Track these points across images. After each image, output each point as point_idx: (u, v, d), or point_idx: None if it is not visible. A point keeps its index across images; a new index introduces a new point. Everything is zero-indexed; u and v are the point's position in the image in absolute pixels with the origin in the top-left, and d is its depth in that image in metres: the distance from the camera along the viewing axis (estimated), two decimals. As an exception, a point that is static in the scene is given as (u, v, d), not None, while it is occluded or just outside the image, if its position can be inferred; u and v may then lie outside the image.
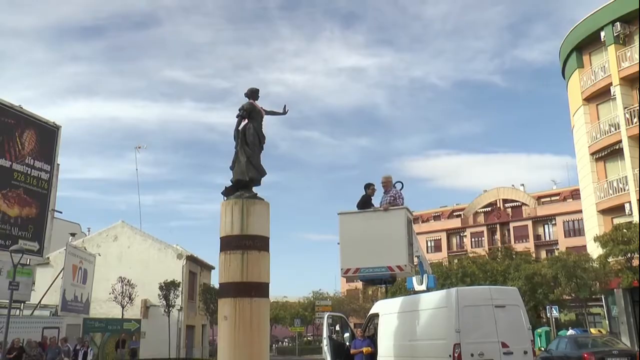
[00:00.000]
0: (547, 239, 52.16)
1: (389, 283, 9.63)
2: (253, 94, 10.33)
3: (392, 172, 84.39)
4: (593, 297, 27.96)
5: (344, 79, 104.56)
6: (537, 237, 52.85)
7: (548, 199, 55.76)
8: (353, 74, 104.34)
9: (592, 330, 25.50)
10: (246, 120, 10.09)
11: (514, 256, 35.14)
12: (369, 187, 9.98)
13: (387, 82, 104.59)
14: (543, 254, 47.68)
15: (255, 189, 9.91)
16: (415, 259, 10.70)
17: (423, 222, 60.66)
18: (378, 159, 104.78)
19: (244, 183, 9.74)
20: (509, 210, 56.30)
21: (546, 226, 52.85)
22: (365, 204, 9.73)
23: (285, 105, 10.42)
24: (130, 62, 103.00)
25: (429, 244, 58.34)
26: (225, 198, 9.78)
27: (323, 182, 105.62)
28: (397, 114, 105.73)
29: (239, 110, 10.12)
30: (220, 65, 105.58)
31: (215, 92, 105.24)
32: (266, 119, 10.40)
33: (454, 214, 61.61)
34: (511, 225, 54.50)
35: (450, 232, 59.13)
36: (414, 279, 11.67)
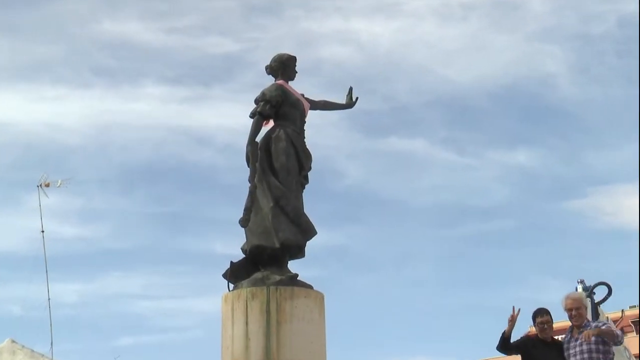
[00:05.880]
0: None
1: None
2: (284, 67, 9.60)
3: (588, 219, 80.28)
4: None
5: (474, 29, 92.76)
6: None
7: None
8: (494, 15, 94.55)
9: None
10: (271, 122, 9.41)
11: None
12: (538, 316, 8.97)
13: (568, 31, 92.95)
14: None
15: (292, 266, 9.17)
16: None
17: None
18: (554, 192, 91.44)
19: (270, 253, 9.00)
20: None
21: None
22: (530, 354, 8.84)
23: (351, 89, 9.88)
24: (31, 10, 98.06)
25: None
26: (230, 286, 9.10)
27: (438, 245, 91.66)
28: (592, 98, 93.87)
29: (256, 101, 9.36)
30: (218, 7, 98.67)
31: (207, 63, 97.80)
32: (312, 117, 9.90)
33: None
34: None
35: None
36: None
